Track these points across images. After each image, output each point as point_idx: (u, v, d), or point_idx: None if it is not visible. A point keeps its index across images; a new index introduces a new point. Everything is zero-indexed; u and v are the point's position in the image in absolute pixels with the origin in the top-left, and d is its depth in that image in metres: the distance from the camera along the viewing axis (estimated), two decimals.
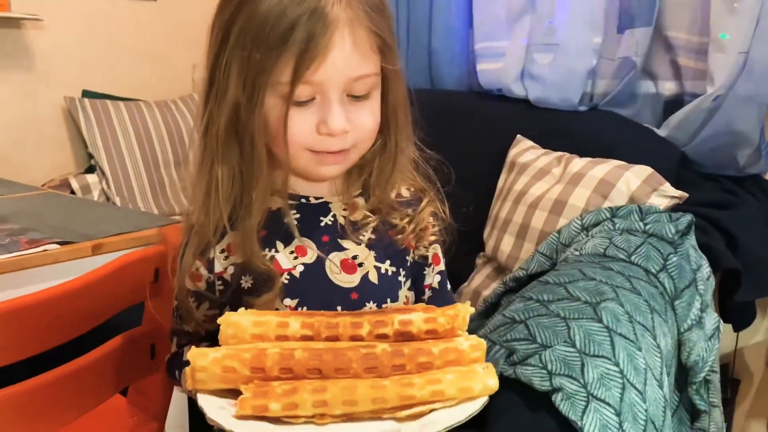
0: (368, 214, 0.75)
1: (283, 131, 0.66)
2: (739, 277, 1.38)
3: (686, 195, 1.38)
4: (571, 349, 0.95)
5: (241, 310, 0.63)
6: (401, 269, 0.76)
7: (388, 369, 0.60)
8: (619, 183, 1.37)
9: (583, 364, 0.93)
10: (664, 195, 1.35)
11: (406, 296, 0.77)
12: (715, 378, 1.18)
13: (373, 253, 0.74)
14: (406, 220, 0.76)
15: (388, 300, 0.74)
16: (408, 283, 0.77)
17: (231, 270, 0.73)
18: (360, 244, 0.74)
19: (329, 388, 0.58)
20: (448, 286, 0.82)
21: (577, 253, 1.25)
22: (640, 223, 1.25)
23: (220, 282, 0.73)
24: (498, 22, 1.84)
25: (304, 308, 0.71)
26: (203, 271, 0.74)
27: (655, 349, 1.00)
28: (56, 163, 2.19)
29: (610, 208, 1.33)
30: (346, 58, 0.65)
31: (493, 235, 1.59)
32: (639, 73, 1.67)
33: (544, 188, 1.49)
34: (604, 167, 1.41)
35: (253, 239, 0.70)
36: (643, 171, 1.38)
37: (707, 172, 1.58)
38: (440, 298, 0.80)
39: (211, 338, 0.76)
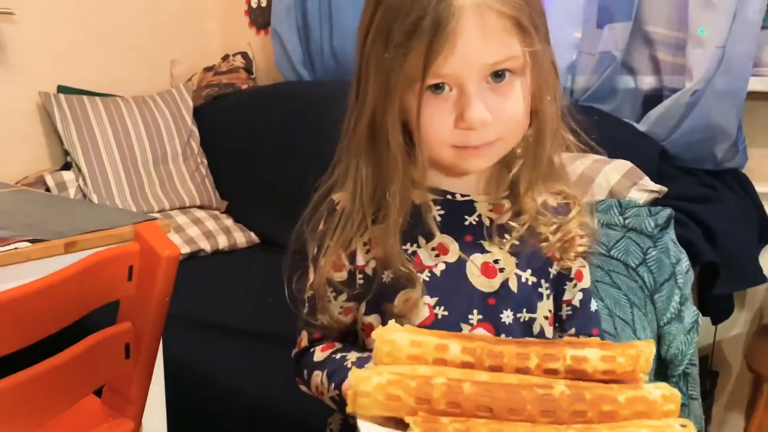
0: (514, 218, 0.71)
1: (418, 128, 0.64)
2: (717, 270, 1.40)
3: (665, 189, 1.39)
4: None
5: (392, 323, 0.61)
6: (543, 281, 0.72)
7: (567, 414, 0.54)
8: (598, 177, 1.37)
9: None
10: (644, 189, 1.36)
11: (549, 310, 0.73)
12: (694, 371, 1.19)
13: (515, 260, 0.70)
14: (552, 228, 0.71)
15: (524, 311, 0.71)
16: (550, 297, 0.73)
17: (373, 264, 0.71)
18: (503, 249, 0.70)
19: (505, 430, 0.53)
20: (593, 307, 0.77)
21: None
22: (620, 218, 1.25)
23: (361, 276, 0.72)
24: None
25: (442, 308, 0.69)
26: (345, 261, 0.72)
27: None
28: (31, 160, 2.15)
29: (589, 202, 1.33)
30: (476, 45, 0.62)
31: None
32: (619, 67, 1.68)
33: None
34: (583, 162, 1.42)
35: (392, 241, 0.68)
36: (623, 165, 1.38)
37: (686, 166, 1.59)
38: (580, 318, 0.75)
39: (344, 336, 0.76)
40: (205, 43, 2.60)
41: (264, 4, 2.44)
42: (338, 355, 0.73)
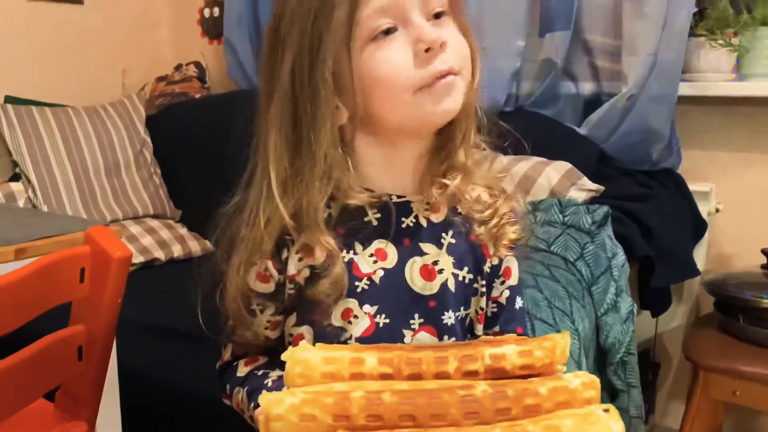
0: (451, 215, 0.70)
1: (374, 83, 0.62)
2: (654, 265, 1.47)
3: (602, 188, 1.46)
4: None
5: (303, 343, 0.57)
6: (479, 277, 0.71)
7: (491, 414, 0.52)
8: (540, 178, 1.44)
9: None
10: (582, 189, 1.43)
11: (481, 307, 0.72)
12: (632, 359, 1.25)
13: (452, 259, 0.69)
14: (488, 212, 0.70)
15: (462, 309, 0.70)
16: (484, 294, 0.72)
17: (306, 273, 0.67)
18: (441, 248, 0.69)
19: None
20: (518, 304, 0.76)
21: None
22: (560, 215, 1.32)
23: (291, 285, 0.68)
24: None
25: (382, 315, 0.67)
26: (273, 272, 0.68)
27: (573, 333, 1.06)
28: None
29: (531, 201, 1.40)
30: None
31: None
32: (560, 74, 1.76)
33: None
34: (526, 164, 1.48)
35: (316, 209, 0.64)
36: (563, 166, 1.45)
37: (624, 167, 1.67)
38: (505, 315, 0.75)
39: (269, 350, 0.73)
40: (158, 52, 2.60)
41: (216, 14, 2.46)
42: (260, 372, 0.71)
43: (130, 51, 2.50)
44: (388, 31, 0.63)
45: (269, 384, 0.69)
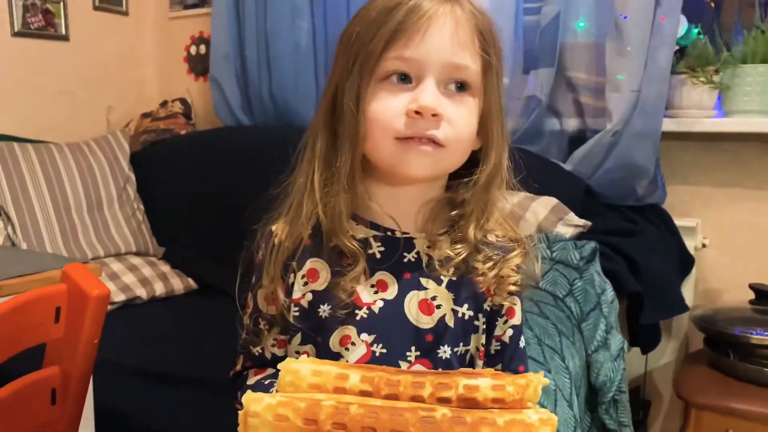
0: (451, 254, 0.71)
1: (367, 116, 0.65)
2: (642, 301, 1.46)
3: (590, 223, 1.45)
4: None
5: (302, 357, 0.62)
6: (480, 314, 0.73)
7: None
8: (527, 213, 1.43)
9: None
10: (569, 224, 1.42)
11: (482, 344, 0.74)
12: (624, 398, 1.23)
13: (452, 296, 0.71)
14: (489, 264, 0.71)
15: (461, 344, 0.72)
16: (484, 331, 0.74)
17: (309, 297, 0.71)
18: (440, 285, 0.71)
19: None
20: (521, 344, 0.77)
21: None
22: (548, 251, 1.31)
23: (296, 309, 0.71)
24: None
25: (379, 345, 0.69)
26: (280, 294, 0.72)
27: (564, 371, 1.04)
28: None
29: None
30: (445, 40, 0.65)
31: None
32: (545, 111, 1.77)
33: None
34: (512, 199, 1.47)
35: (341, 216, 0.68)
36: (549, 202, 1.45)
37: (610, 202, 1.67)
38: (508, 354, 0.76)
39: (276, 365, 0.74)
40: (143, 89, 2.60)
41: (203, 51, 2.47)
42: (267, 381, 0.74)
43: (116, 87, 2.50)
44: (404, 78, 0.66)
45: (274, 392, 0.70)
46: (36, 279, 1.08)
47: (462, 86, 0.67)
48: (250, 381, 0.76)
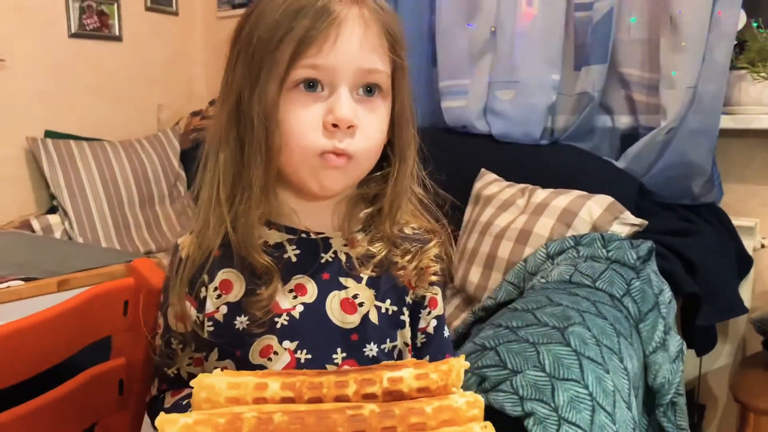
0: (370, 249, 0.70)
1: (282, 128, 0.63)
2: (698, 302, 1.43)
3: (646, 222, 1.42)
4: (541, 374, 0.97)
5: (217, 371, 0.58)
6: (403, 308, 0.72)
7: (377, 431, 0.55)
8: (581, 212, 1.41)
9: (553, 388, 0.95)
10: (625, 223, 1.39)
11: (408, 339, 0.73)
12: (681, 401, 1.20)
13: (373, 292, 0.70)
14: (407, 257, 0.71)
15: (387, 341, 0.70)
16: (408, 324, 0.73)
17: (224, 310, 0.68)
18: (360, 282, 0.70)
19: None
20: (446, 333, 0.77)
21: (543, 280, 1.28)
22: (603, 250, 1.28)
23: (210, 323, 0.69)
24: (461, 60, 1.90)
25: (304, 351, 0.67)
26: (192, 311, 0.69)
27: (622, 372, 1.02)
28: (16, 204, 2.15)
29: (573, 236, 1.36)
30: (356, 46, 0.63)
31: (461, 267, 1.62)
32: (596, 107, 1.74)
33: (509, 219, 1.53)
34: (566, 197, 1.45)
35: (252, 231, 0.66)
36: (605, 200, 1.42)
37: (664, 201, 1.64)
38: (434, 345, 0.75)
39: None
40: (192, 88, 2.65)
41: None
42: (185, 402, 0.71)
43: (166, 86, 2.55)
44: (312, 85, 0.63)
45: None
46: (99, 273, 1.11)
47: (372, 90, 0.66)
48: (167, 404, 0.73)
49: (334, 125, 0.63)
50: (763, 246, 1.66)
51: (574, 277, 1.22)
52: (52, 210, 2.12)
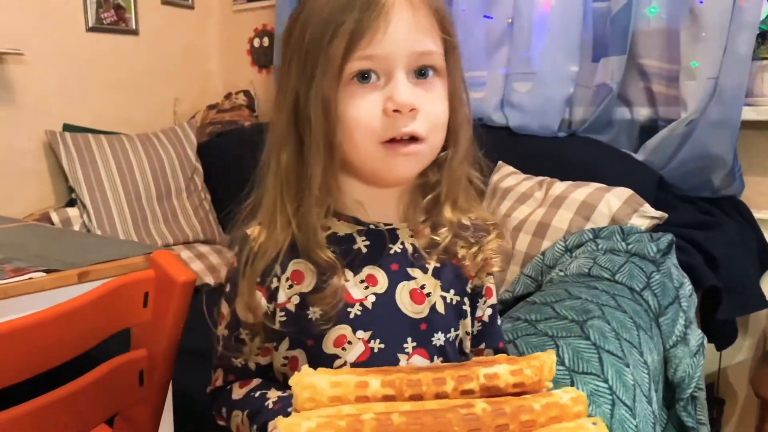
0: (434, 237, 0.71)
1: (343, 123, 0.63)
2: (719, 296, 1.41)
3: (666, 215, 1.41)
4: (561, 367, 0.96)
5: (305, 368, 0.59)
6: (464, 298, 0.74)
7: (491, 430, 0.56)
8: (600, 205, 1.40)
9: (572, 382, 0.94)
10: (645, 216, 1.38)
11: (469, 328, 0.75)
12: (702, 395, 1.19)
13: (438, 283, 0.71)
14: (472, 249, 0.73)
15: (452, 330, 0.72)
16: (469, 314, 0.75)
17: (296, 300, 0.69)
18: (426, 273, 0.71)
19: None
20: (499, 321, 0.79)
21: (562, 273, 1.27)
22: (623, 243, 1.27)
23: (282, 313, 0.69)
24: (477, 52, 1.89)
25: (377, 340, 0.68)
26: (262, 301, 0.70)
27: (642, 366, 1.02)
28: (36, 197, 2.17)
29: (592, 229, 1.35)
30: (406, 31, 0.63)
31: None
32: (615, 99, 1.72)
33: (527, 212, 1.52)
34: (585, 190, 1.44)
35: (315, 230, 0.66)
36: (624, 192, 1.41)
37: (684, 194, 1.62)
38: (489, 333, 0.78)
39: (261, 374, 0.74)
40: (208, 81, 2.66)
41: (266, 44, 2.51)
42: (257, 393, 0.71)
43: (182, 80, 2.56)
44: (366, 76, 0.64)
45: (270, 405, 0.69)
46: (120, 265, 1.12)
47: (427, 71, 0.66)
48: (236, 395, 0.73)
49: (396, 110, 0.63)
50: None
51: (593, 270, 1.21)
52: (71, 203, 2.14)
